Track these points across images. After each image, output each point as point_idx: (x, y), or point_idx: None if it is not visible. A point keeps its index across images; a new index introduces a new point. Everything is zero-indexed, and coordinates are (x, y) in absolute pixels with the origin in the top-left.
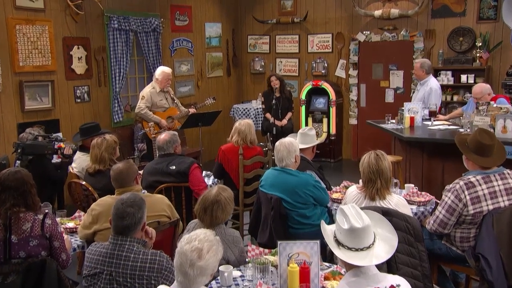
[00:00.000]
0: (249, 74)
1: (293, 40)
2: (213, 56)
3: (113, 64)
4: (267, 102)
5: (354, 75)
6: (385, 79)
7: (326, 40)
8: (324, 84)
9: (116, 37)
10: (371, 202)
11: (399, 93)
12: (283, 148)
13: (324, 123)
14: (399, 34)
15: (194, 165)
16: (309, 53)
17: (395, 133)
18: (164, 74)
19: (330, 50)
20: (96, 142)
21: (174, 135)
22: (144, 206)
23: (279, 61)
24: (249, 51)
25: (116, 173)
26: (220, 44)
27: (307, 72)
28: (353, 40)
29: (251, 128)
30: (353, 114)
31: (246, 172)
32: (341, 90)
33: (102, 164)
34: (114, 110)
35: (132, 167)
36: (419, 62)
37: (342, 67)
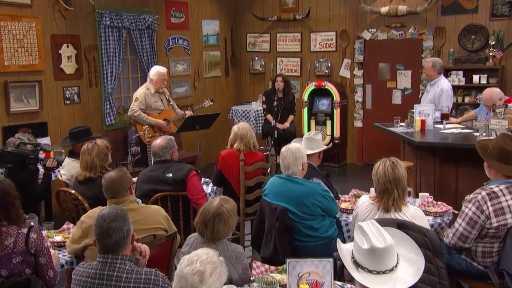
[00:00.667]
0: (249, 74)
1: (294, 39)
2: (211, 55)
3: (105, 63)
4: (269, 102)
5: (359, 75)
6: (392, 79)
7: (329, 39)
8: (327, 85)
9: (108, 35)
10: (385, 214)
11: (407, 94)
12: (289, 155)
13: (327, 126)
14: (407, 32)
15: (192, 172)
16: (312, 52)
17: (406, 137)
18: (159, 74)
19: (334, 49)
20: (87, 147)
21: (171, 140)
22: (128, 216)
23: (280, 61)
24: (249, 50)
25: (108, 182)
26: (218, 43)
27: (309, 72)
28: (358, 38)
29: (251, 131)
30: (358, 116)
31: (247, 179)
32: (345, 91)
33: (93, 171)
34: (106, 112)
35: (126, 176)
36: (431, 61)
37: (347, 67)
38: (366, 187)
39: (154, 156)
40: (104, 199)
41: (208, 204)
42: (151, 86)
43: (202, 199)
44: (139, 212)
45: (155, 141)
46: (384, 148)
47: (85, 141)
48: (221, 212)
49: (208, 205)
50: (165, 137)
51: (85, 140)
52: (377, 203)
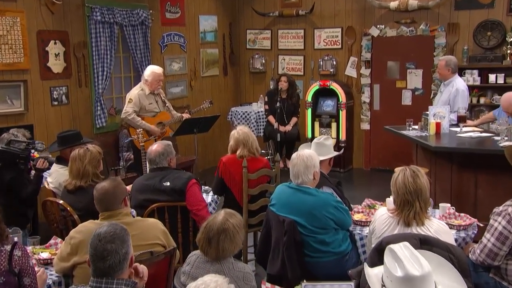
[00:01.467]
0: (248, 73)
1: (297, 35)
2: (208, 53)
3: (95, 61)
4: (271, 103)
5: (367, 75)
6: (402, 79)
7: (335, 35)
8: (332, 85)
9: (98, 31)
10: (406, 229)
11: (417, 94)
12: (299, 162)
13: (332, 128)
14: (418, 29)
15: (192, 181)
16: (316, 50)
17: (420, 141)
18: (155, 74)
19: (340, 47)
20: (78, 153)
21: (168, 145)
22: (128, 237)
23: (281, 59)
24: (248, 47)
25: (101, 193)
26: (216, 40)
27: (313, 71)
28: (365, 35)
29: (251, 134)
30: (365, 118)
31: (250, 187)
32: (351, 91)
33: (84, 179)
34: (97, 114)
35: (120, 187)
36: (444, 60)
37: (353, 66)
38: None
39: (150, 163)
40: (96, 210)
41: (211, 219)
42: (146, 87)
43: (203, 210)
44: (134, 226)
45: (151, 146)
46: (394, 153)
47: (75, 146)
48: (227, 227)
49: (212, 220)
50: (162, 143)
51: (75, 145)
52: (397, 216)
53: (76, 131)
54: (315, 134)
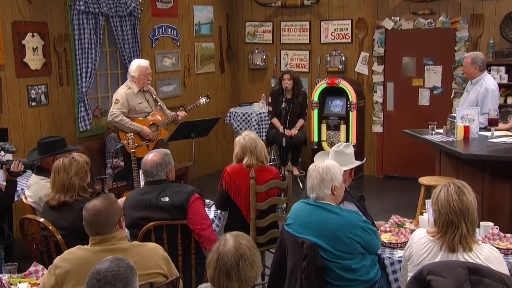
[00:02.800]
0: (247, 69)
1: (302, 28)
2: (203, 47)
3: (78, 56)
4: (275, 104)
5: (379, 72)
6: (419, 76)
7: (344, 28)
8: (342, 83)
9: (82, 22)
10: (451, 255)
11: (436, 94)
12: (315, 174)
13: (341, 131)
14: (437, 20)
15: (194, 195)
16: (323, 44)
17: (447, 147)
18: (141, 68)
19: (349, 40)
20: (62, 163)
21: (166, 155)
22: (134, 278)
23: (284, 54)
24: (247, 41)
25: (92, 214)
26: (211, 33)
27: (319, 68)
28: (378, 28)
29: (259, 140)
30: (377, 120)
31: (259, 201)
32: (362, 90)
33: (69, 193)
34: (80, 115)
35: (114, 206)
36: (470, 56)
37: (364, 62)
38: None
39: (145, 175)
40: (83, 229)
41: (221, 248)
42: (133, 84)
43: (207, 229)
44: (131, 252)
45: (146, 156)
46: (410, 158)
47: (58, 155)
48: (243, 252)
49: (222, 248)
50: (159, 152)
51: (59, 153)
52: (439, 240)
53: (60, 137)
54: (322, 137)
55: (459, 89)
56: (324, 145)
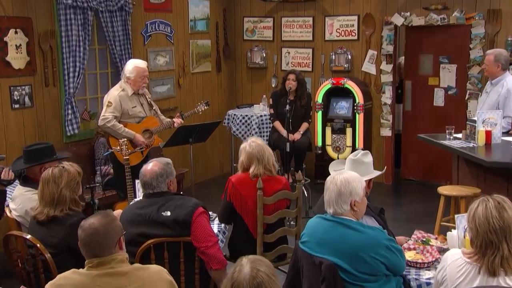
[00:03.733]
0: (246, 68)
1: (305, 24)
2: (199, 44)
3: (65, 55)
4: (278, 106)
5: (388, 71)
6: (435, 75)
7: (350, 24)
8: (348, 83)
9: (69, 18)
10: (491, 279)
11: (450, 94)
12: (332, 188)
13: (347, 135)
14: (451, 16)
15: (199, 209)
16: (327, 42)
17: (468, 154)
18: (138, 70)
19: (356, 38)
20: (52, 173)
21: (167, 165)
22: None
23: (286, 52)
24: (246, 38)
25: (89, 234)
26: (207, 29)
27: (323, 67)
28: (387, 24)
29: (267, 147)
30: (386, 123)
31: (266, 214)
32: (369, 90)
33: (59, 207)
34: (67, 119)
35: (113, 225)
36: (493, 54)
37: (372, 60)
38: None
39: (144, 187)
40: (75, 247)
41: (236, 276)
42: (128, 86)
43: (213, 247)
44: (133, 277)
45: (146, 166)
46: (423, 164)
47: (46, 164)
48: (261, 281)
49: (237, 277)
50: (160, 161)
51: (47, 161)
52: (477, 262)
53: (48, 144)
54: (327, 141)
55: (474, 89)
56: (329, 150)
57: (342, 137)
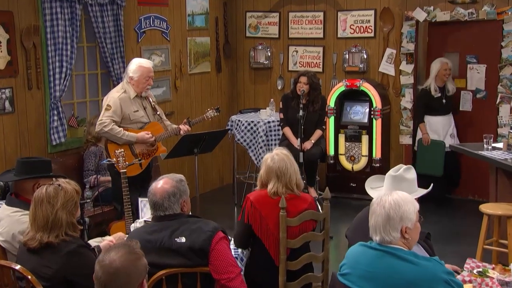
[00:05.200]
0: (248, 69)
1: (315, 20)
2: (197, 42)
3: (51, 54)
4: (288, 111)
5: (409, 72)
6: (461, 76)
7: (365, 20)
8: (363, 85)
9: (55, 12)
10: None
11: (479, 98)
12: (379, 211)
13: (363, 143)
14: (480, 11)
15: (218, 234)
16: (340, 39)
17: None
18: (142, 70)
19: (372, 35)
20: (46, 193)
21: (180, 182)
22: None
23: (293, 51)
24: (249, 35)
25: (109, 274)
26: (206, 25)
27: (336, 67)
28: (407, 19)
29: (292, 162)
30: (406, 130)
31: (290, 237)
32: (387, 93)
33: (54, 232)
34: (53, 126)
35: (138, 264)
36: None
37: (390, 60)
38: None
39: (154, 209)
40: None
41: None
42: (131, 87)
43: (236, 280)
44: None
45: (155, 184)
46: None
47: (40, 180)
48: None
49: None
50: (172, 178)
51: (42, 177)
52: None
53: (45, 159)
54: (339, 150)
55: (506, 93)
56: (342, 160)
57: (357, 146)
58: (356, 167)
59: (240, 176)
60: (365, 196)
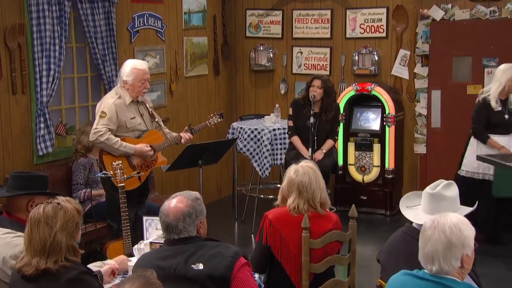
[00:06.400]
0: (249, 72)
1: (321, 18)
2: (194, 42)
3: (37, 55)
4: (298, 118)
5: (424, 75)
6: (477, 82)
7: (377, 19)
8: (375, 89)
9: (42, 9)
10: None
11: None
12: (438, 236)
13: (374, 152)
14: (503, 9)
15: (240, 260)
16: (349, 39)
17: None
18: (137, 72)
19: (384, 35)
20: (44, 212)
21: (196, 200)
22: None
23: (297, 52)
24: (249, 35)
25: None
26: (204, 24)
27: (344, 70)
28: (422, 18)
29: (318, 176)
30: (420, 138)
31: (314, 261)
32: (401, 98)
33: (53, 257)
34: (39, 134)
35: None
36: None
37: (404, 62)
38: None
39: (167, 231)
40: None
41: None
42: (125, 92)
43: None
44: None
45: (168, 202)
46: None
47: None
48: None
49: None
50: (186, 196)
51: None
52: None
53: (42, 175)
54: (349, 160)
55: None
56: (351, 170)
57: (368, 155)
58: (367, 178)
59: (241, 188)
60: (376, 210)
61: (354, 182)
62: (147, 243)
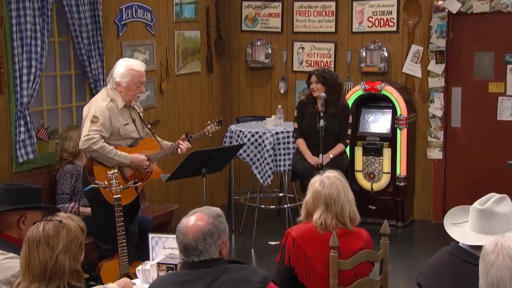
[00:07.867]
0: (245, 69)
1: (325, 11)
2: (186, 37)
3: (17, 50)
4: (303, 119)
5: (439, 73)
6: (499, 79)
7: (386, 11)
8: (385, 88)
9: (22, 1)
10: None
11: None
12: (504, 262)
13: (384, 158)
14: None
15: (270, 286)
16: (356, 34)
17: None
18: (133, 74)
19: (394, 29)
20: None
21: (218, 218)
22: None
23: (299, 47)
24: (245, 28)
25: None
26: (196, 16)
27: (350, 67)
28: (437, 10)
29: (347, 189)
30: (435, 142)
31: (343, 285)
32: (413, 98)
33: (54, 282)
34: (19, 139)
35: None
36: None
37: (416, 59)
38: None
39: (185, 253)
40: None
41: None
42: (118, 96)
43: None
44: None
45: (186, 220)
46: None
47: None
48: None
49: None
50: (207, 213)
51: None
52: None
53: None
54: (356, 166)
55: None
56: (359, 177)
57: (378, 161)
58: (376, 186)
59: (240, 197)
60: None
61: (361, 190)
62: (153, 264)
